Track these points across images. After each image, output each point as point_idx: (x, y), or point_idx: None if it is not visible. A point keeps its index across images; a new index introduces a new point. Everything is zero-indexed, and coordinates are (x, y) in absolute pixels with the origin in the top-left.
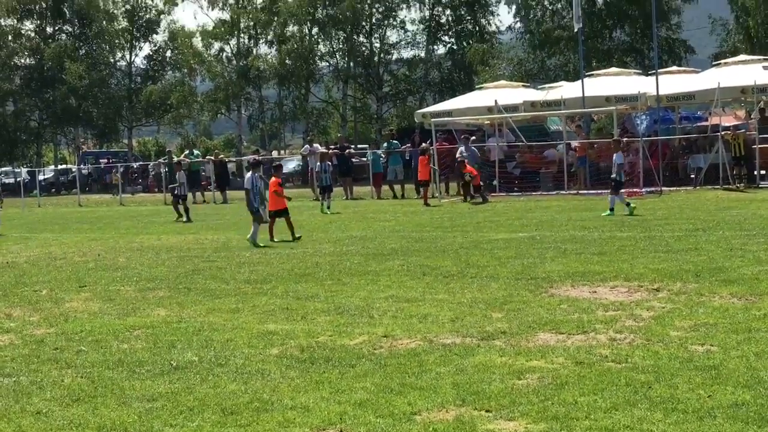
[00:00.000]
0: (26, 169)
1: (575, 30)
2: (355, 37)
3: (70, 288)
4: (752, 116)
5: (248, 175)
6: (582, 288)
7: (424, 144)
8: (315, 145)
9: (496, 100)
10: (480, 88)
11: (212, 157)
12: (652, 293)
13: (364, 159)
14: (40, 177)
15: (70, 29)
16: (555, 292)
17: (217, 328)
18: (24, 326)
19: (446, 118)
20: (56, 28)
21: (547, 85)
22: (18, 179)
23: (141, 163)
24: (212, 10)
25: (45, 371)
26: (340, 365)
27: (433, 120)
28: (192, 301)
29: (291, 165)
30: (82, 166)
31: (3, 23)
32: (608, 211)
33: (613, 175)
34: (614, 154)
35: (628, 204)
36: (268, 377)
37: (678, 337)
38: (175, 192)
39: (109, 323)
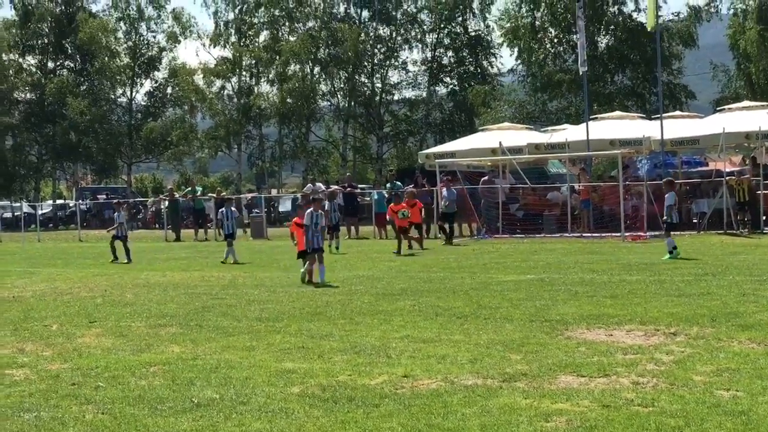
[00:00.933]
0: (27, 204)
1: (581, 73)
2: (356, 76)
3: (80, 323)
4: (746, 163)
5: (308, 210)
6: (597, 331)
7: (409, 187)
8: (318, 184)
9: (500, 142)
10: (483, 130)
11: (214, 195)
12: (670, 337)
13: (367, 199)
14: (39, 212)
15: (72, 65)
16: (571, 335)
17: (234, 365)
18: (38, 361)
19: (449, 159)
20: (58, 63)
21: (550, 128)
22: (16, 213)
23: (140, 199)
24: (214, 47)
25: (65, 407)
26: (364, 405)
27: (436, 161)
28: (205, 338)
29: (288, 204)
30: (80, 201)
31: (5, 57)
32: (668, 255)
33: (665, 217)
34: (666, 195)
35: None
36: (293, 416)
37: (702, 382)
38: (116, 232)
39: (124, 359)
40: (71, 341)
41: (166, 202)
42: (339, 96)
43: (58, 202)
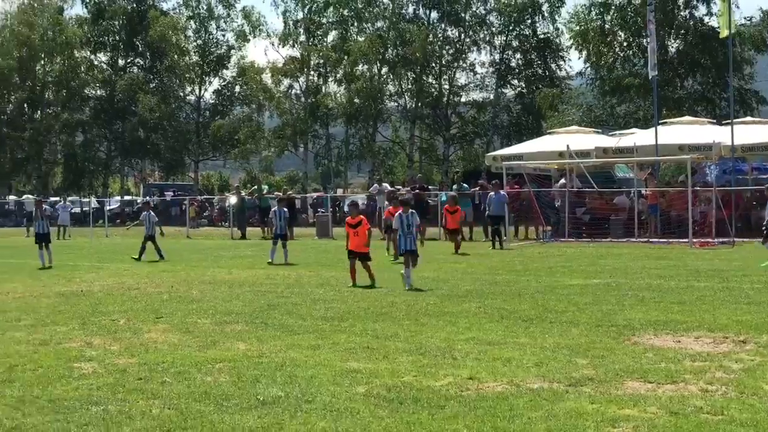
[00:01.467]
0: (95, 199)
1: (650, 77)
2: (424, 77)
3: (147, 319)
4: None
5: (398, 213)
6: (665, 337)
7: (450, 192)
8: (384, 184)
9: (567, 145)
10: (551, 133)
11: (280, 194)
12: (739, 345)
13: (434, 200)
14: (107, 208)
15: (142, 62)
16: (638, 340)
17: (299, 364)
18: (105, 355)
19: (516, 162)
20: (128, 60)
21: (618, 132)
22: (85, 209)
23: (206, 196)
24: (283, 47)
25: (132, 401)
26: (429, 406)
27: (503, 163)
28: (271, 336)
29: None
30: (147, 197)
31: (77, 54)
32: (766, 263)
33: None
34: None
35: None
36: (358, 416)
37: None
38: (146, 231)
39: (190, 355)
40: (138, 336)
41: (233, 200)
42: (406, 97)
43: (126, 198)
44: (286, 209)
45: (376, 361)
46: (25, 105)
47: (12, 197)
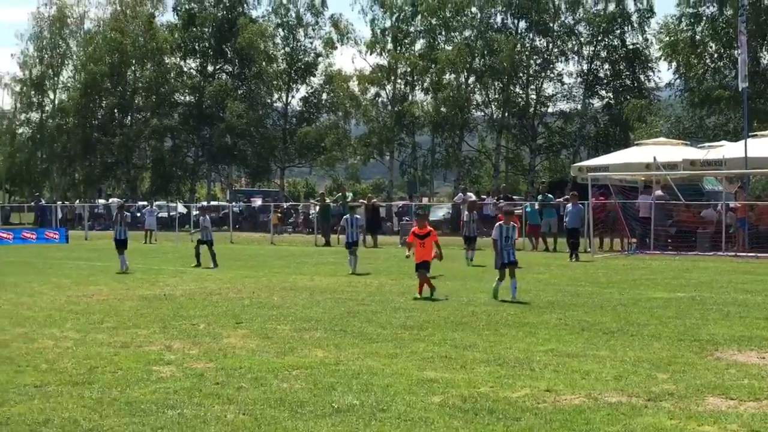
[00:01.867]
0: (182, 204)
1: (741, 89)
2: (511, 87)
3: (227, 324)
4: None
5: (498, 224)
6: (749, 353)
7: (504, 202)
8: (469, 194)
9: (654, 157)
10: (638, 144)
11: (365, 201)
12: None
13: (519, 210)
14: (194, 213)
15: (231, 69)
16: (721, 356)
17: (376, 372)
18: (184, 359)
19: (602, 173)
20: (217, 67)
21: (707, 144)
22: (171, 213)
23: (292, 203)
24: (370, 54)
25: (207, 405)
26: (505, 418)
27: (589, 174)
28: (349, 344)
29: (440, 213)
30: (233, 203)
31: (167, 60)
32: None
33: None
34: None
35: None
36: (432, 426)
37: None
38: (201, 236)
39: (268, 361)
40: (217, 341)
41: (317, 207)
42: (493, 106)
43: (212, 203)
44: (358, 216)
45: (453, 371)
46: (116, 110)
47: (101, 201)
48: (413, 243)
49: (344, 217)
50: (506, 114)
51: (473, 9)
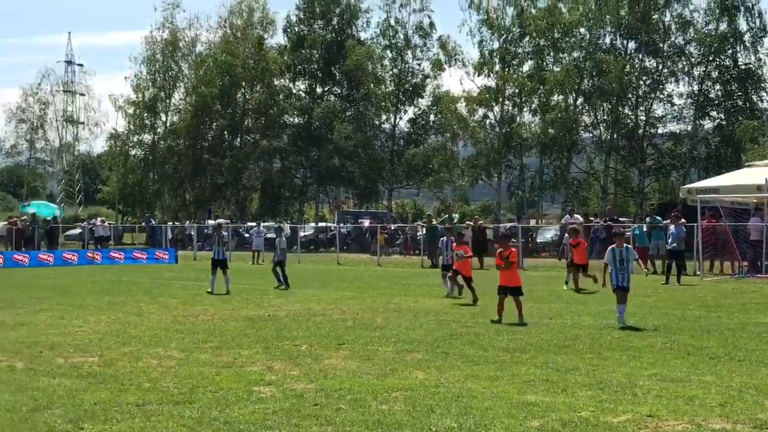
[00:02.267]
0: (290, 225)
1: None
2: (620, 108)
3: (329, 345)
4: None
5: (611, 247)
6: None
7: (574, 224)
8: (576, 215)
9: (766, 179)
10: (750, 166)
11: (471, 223)
12: None
13: (628, 233)
14: (300, 234)
15: (339, 90)
16: None
17: (476, 395)
18: (284, 380)
19: (712, 195)
20: (326, 89)
21: None
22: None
23: (399, 225)
24: (478, 76)
25: (305, 426)
26: None
27: (699, 196)
28: (450, 366)
29: (547, 235)
30: (341, 224)
31: (276, 82)
32: None
33: None
34: None
35: None
36: None
37: None
38: (275, 257)
39: (368, 383)
40: (318, 362)
41: (424, 229)
42: (601, 127)
43: (320, 224)
44: (453, 238)
45: (554, 395)
46: (226, 132)
47: (210, 221)
48: (498, 265)
49: (440, 239)
50: (615, 135)
51: (582, 30)
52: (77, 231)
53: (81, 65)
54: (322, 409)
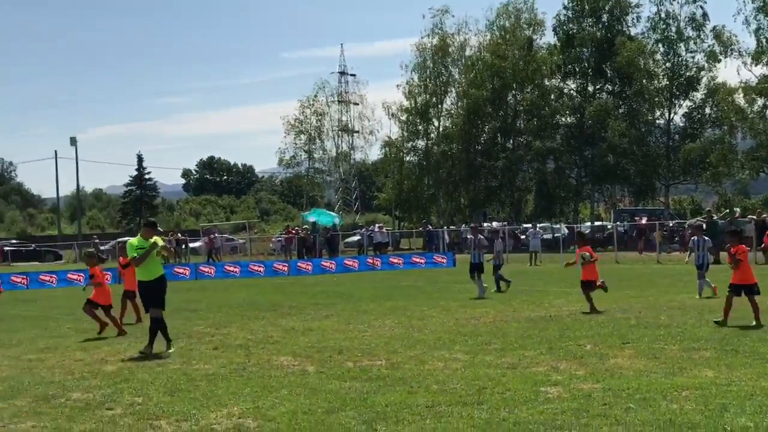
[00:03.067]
0: (565, 225)
1: None
2: None
3: (614, 344)
4: None
5: None
6: None
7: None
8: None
9: None
10: None
11: (754, 216)
12: None
13: None
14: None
15: (611, 88)
16: None
17: None
18: (571, 380)
19: None
20: (597, 86)
21: None
22: (556, 235)
23: (677, 221)
24: (756, 65)
25: (595, 426)
26: None
27: None
28: (741, 364)
29: None
30: (618, 223)
31: (546, 83)
32: None
33: None
34: None
35: None
36: None
37: None
38: (494, 261)
39: (656, 382)
40: (604, 361)
41: (704, 226)
42: None
43: (597, 224)
44: (707, 238)
45: None
46: (498, 134)
47: (486, 224)
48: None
49: (692, 238)
50: None
51: None
52: (356, 238)
53: (354, 75)
54: (611, 408)
